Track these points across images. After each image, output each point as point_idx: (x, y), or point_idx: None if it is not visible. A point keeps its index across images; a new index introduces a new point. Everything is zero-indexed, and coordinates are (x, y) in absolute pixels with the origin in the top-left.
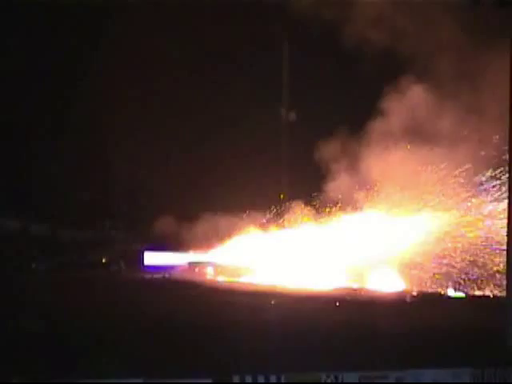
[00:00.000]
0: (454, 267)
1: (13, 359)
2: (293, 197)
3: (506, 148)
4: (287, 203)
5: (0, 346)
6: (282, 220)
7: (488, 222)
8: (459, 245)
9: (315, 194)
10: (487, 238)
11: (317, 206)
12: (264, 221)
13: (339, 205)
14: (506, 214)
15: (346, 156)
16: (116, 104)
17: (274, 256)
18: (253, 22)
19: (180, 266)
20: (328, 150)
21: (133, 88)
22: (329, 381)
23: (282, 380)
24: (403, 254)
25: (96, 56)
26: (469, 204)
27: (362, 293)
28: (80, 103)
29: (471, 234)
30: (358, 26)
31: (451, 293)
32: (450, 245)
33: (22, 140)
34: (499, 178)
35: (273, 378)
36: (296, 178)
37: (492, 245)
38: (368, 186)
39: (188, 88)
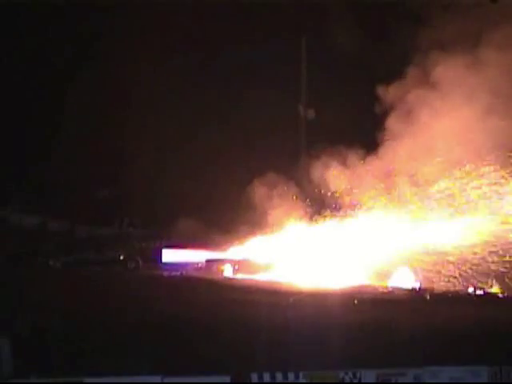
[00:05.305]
0: (473, 265)
1: (30, 357)
2: (311, 194)
3: None
4: (306, 201)
5: (17, 344)
6: (300, 217)
7: None
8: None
9: (335, 191)
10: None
11: (336, 203)
12: (282, 218)
13: (359, 202)
14: None
15: (367, 153)
16: (136, 103)
17: (292, 253)
18: (271, 19)
19: (198, 263)
20: (348, 146)
21: (151, 88)
22: (347, 378)
23: (301, 378)
24: (422, 252)
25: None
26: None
27: (381, 291)
28: (102, 102)
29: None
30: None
31: (470, 290)
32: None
33: (39, 137)
34: None
35: (291, 376)
36: (315, 176)
37: None
38: (388, 184)
39: (205, 87)
